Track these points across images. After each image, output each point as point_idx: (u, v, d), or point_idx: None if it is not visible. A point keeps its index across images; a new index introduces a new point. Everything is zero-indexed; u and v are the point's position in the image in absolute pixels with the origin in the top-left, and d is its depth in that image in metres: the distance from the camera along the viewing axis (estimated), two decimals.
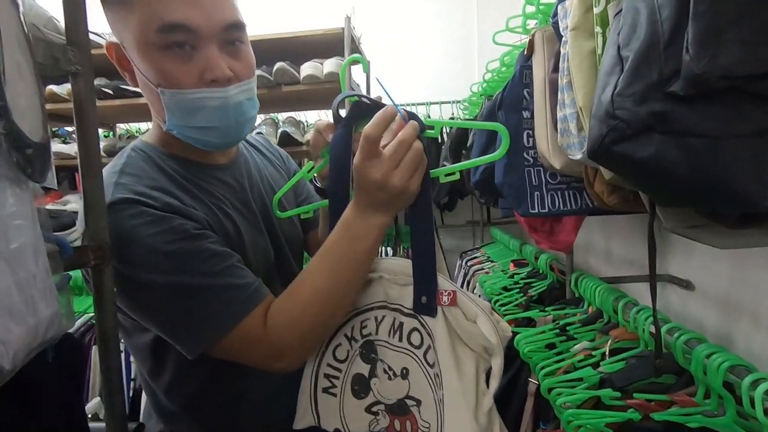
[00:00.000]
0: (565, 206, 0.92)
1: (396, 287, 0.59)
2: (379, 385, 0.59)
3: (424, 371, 0.57)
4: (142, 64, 0.57)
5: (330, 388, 0.61)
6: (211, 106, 0.58)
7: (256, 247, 0.68)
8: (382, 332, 0.59)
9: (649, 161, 0.40)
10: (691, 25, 0.36)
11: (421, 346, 0.57)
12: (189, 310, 0.55)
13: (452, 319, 0.55)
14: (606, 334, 0.96)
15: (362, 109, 0.59)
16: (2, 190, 0.29)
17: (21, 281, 0.30)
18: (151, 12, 0.54)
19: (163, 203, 0.56)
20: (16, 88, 0.31)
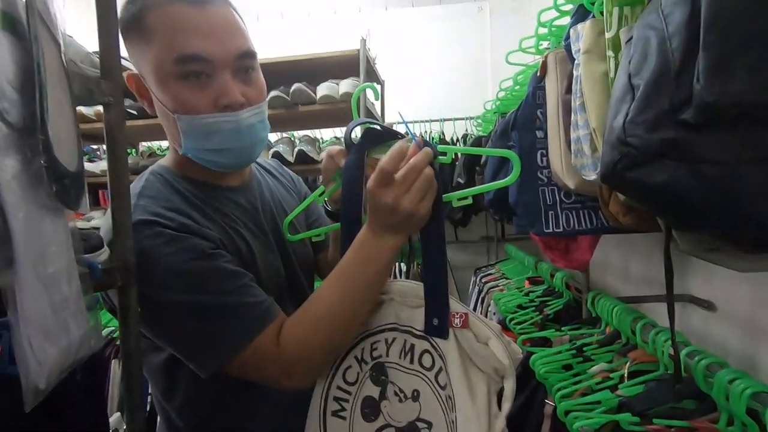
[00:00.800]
0: (580, 225, 0.92)
1: (407, 309, 0.60)
2: (389, 407, 0.59)
3: (435, 393, 0.57)
4: (159, 93, 0.60)
5: (339, 411, 0.61)
6: (225, 129, 0.61)
7: (268, 267, 0.70)
8: (393, 354, 0.59)
9: (662, 187, 0.40)
10: (702, 54, 0.37)
11: (432, 368, 0.57)
12: (203, 328, 0.56)
13: (464, 341, 0.55)
14: (624, 355, 0.94)
15: (374, 136, 0.60)
16: (42, 218, 0.31)
17: (56, 304, 0.32)
18: (169, 44, 0.57)
19: (179, 223, 0.58)
20: (57, 123, 0.33)
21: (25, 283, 0.29)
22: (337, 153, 0.65)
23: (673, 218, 0.45)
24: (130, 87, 0.62)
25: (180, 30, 0.57)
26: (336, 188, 0.68)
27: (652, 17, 0.43)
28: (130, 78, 0.62)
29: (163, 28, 0.57)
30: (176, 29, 0.57)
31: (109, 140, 0.46)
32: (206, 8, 0.59)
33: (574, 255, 1.21)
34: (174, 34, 0.57)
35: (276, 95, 1.65)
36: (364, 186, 0.59)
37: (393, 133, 0.61)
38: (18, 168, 0.30)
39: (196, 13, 0.58)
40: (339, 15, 3.02)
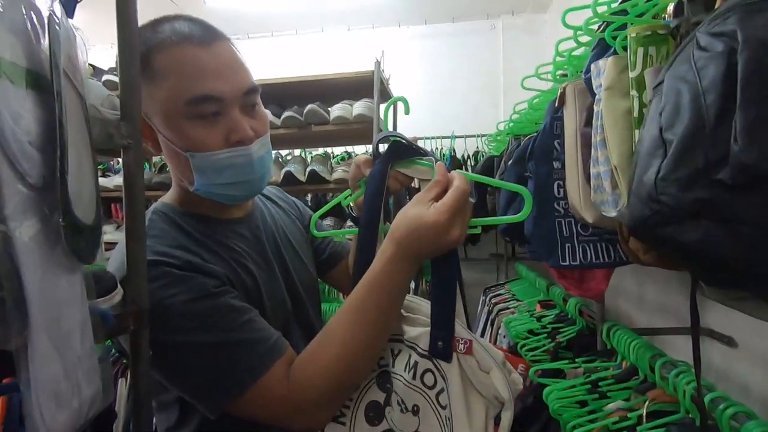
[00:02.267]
0: (597, 259, 0.90)
1: (415, 326, 0.60)
2: (392, 413, 0.59)
3: (435, 412, 0.57)
4: (169, 133, 0.60)
5: (339, 417, 0.61)
6: (238, 163, 0.62)
7: (274, 298, 0.69)
8: (398, 366, 0.60)
9: (696, 245, 0.39)
10: (739, 113, 0.36)
11: (434, 387, 0.57)
12: (208, 367, 0.55)
13: (466, 366, 0.55)
14: (642, 394, 0.91)
15: (400, 149, 0.62)
16: (57, 279, 0.31)
17: (68, 366, 0.31)
18: (179, 86, 0.58)
19: (184, 261, 0.58)
20: (76, 177, 0.33)
21: (38, 348, 0.28)
22: (364, 162, 0.66)
23: (706, 275, 0.43)
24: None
25: (190, 72, 0.58)
26: (360, 194, 0.68)
27: (683, 68, 0.42)
28: None
29: (172, 70, 0.58)
30: (185, 71, 0.58)
31: (127, 182, 0.45)
32: (211, 47, 0.60)
33: (589, 284, 1.19)
34: (183, 76, 0.58)
35: (289, 115, 1.66)
36: (384, 196, 0.61)
37: (418, 149, 0.62)
38: (36, 228, 0.29)
39: (204, 54, 0.59)
40: (352, 31, 3.04)
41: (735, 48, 0.38)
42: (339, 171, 1.74)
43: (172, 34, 0.59)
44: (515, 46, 2.91)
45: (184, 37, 0.59)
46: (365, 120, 1.63)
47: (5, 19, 0.28)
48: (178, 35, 0.59)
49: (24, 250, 0.27)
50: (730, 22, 0.39)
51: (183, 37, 0.59)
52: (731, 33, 0.38)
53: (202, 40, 0.59)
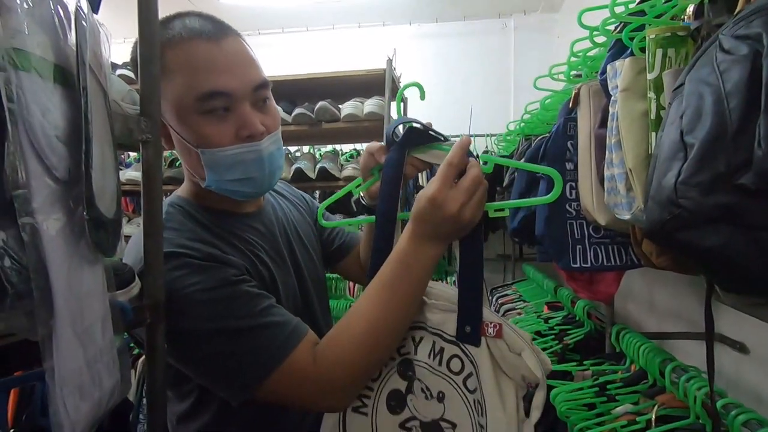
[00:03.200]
0: (608, 262, 0.89)
1: (438, 313, 0.59)
2: (415, 401, 0.59)
3: (462, 397, 0.57)
4: (180, 128, 0.60)
5: (360, 407, 0.61)
6: (248, 159, 0.61)
7: (287, 291, 0.70)
8: (422, 353, 0.59)
9: (716, 251, 0.38)
10: (764, 118, 0.35)
11: (461, 373, 0.57)
12: (233, 353, 0.55)
13: (495, 350, 0.56)
14: (651, 398, 0.90)
15: (416, 135, 0.61)
16: (81, 269, 0.31)
17: (90, 358, 0.31)
18: (190, 82, 0.57)
19: (205, 253, 0.58)
20: (99, 171, 0.33)
21: (62, 340, 0.29)
22: (377, 150, 0.65)
23: (723, 281, 0.43)
24: None
25: (200, 67, 0.58)
26: (373, 182, 0.68)
27: (705, 71, 0.42)
28: None
29: (183, 66, 0.58)
30: (196, 67, 0.58)
31: (146, 177, 0.46)
32: (222, 43, 0.60)
33: (598, 287, 1.18)
34: (194, 71, 0.57)
35: (300, 112, 1.66)
36: (402, 184, 0.61)
37: (435, 133, 0.61)
38: (62, 222, 0.29)
39: (214, 49, 0.59)
40: (363, 29, 3.04)
41: (760, 51, 0.37)
42: (349, 168, 1.75)
43: (183, 30, 0.59)
44: (526, 45, 2.89)
45: (194, 33, 0.59)
46: (376, 118, 1.63)
47: (34, 15, 0.28)
48: (189, 31, 0.59)
49: (50, 243, 0.28)
50: (755, 25, 0.39)
51: (193, 33, 0.59)
52: (756, 36, 0.38)
53: (212, 35, 0.59)
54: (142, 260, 0.50)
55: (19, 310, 0.25)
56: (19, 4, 0.26)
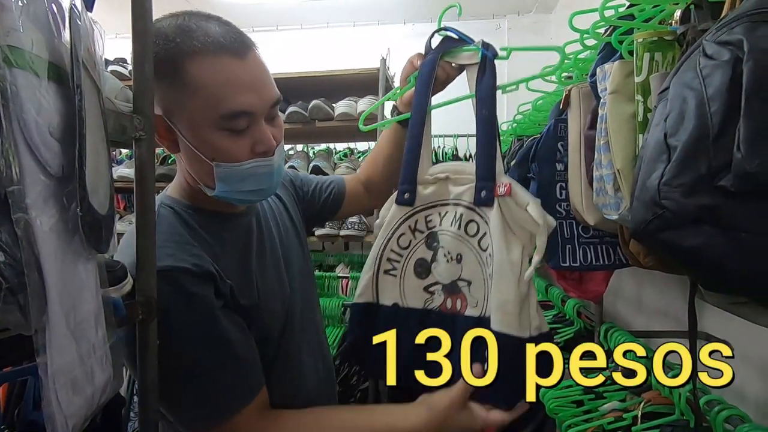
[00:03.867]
0: (597, 261, 0.91)
1: (459, 186, 0.69)
2: (438, 268, 0.69)
3: (476, 256, 0.66)
4: (195, 140, 0.60)
5: (391, 270, 0.71)
6: (260, 173, 0.63)
7: (273, 290, 0.71)
8: (445, 224, 0.69)
9: (697, 251, 0.40)
10: (743, 122, 0.36)
11: (476, 235, 0.66)
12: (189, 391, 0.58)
13: (505, 208, 0.64)
14: (638, 395, 0.92)
15: (450, 42, 0.73)
16: (75, 267, 0.31)
17: (83, 353, 0.32)
18: (215, 98, 0.57)
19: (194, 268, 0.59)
20: (93, 168, 0.33)
21: (56, 334, 0.29)
22: (416, 57, 0.76)
23: (706, 280, 0.44)
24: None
25: (227, 85, 0.57)
26: (409, 87, 0.78)
27: (689, 76, 0.43)
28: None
29: (209, 82, 0.57)
30: (223, 84, 0.57)
31: (139, 174, 0.46)
32: (246, 59, 0.59)
33: (587, 286, 1.20)
34: (221, 88, 0.57)
35: (294, 110, 1.66)
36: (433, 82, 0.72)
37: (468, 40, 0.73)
38: (56, 218, 0.30)
39: (240, 66, 0.59)
40: (358, 27, 3.04)
41: (741, 57, 0.38)
42: (342, 167, 1.75)
43: (207, 42, 0.57)
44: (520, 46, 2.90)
45: (219, 47, 0.57)
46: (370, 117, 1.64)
47: (29, 13, 0.29)
48: (214, 44, 0.57)
49: (44, 239, 0.28)
50: (736, 32, 0.40)
51: (218, 47, 0.57)
52: (737, 42, 0.39)
53: (237, 51, 0.59)
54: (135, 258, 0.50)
55: (12, 305, 0.26)
56: (14, 2, 0.26)
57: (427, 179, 0.72)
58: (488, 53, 0.69)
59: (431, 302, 0.69)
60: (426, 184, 0.72)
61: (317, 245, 2.50)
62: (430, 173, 0.71)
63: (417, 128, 0.72)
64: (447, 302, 0.68)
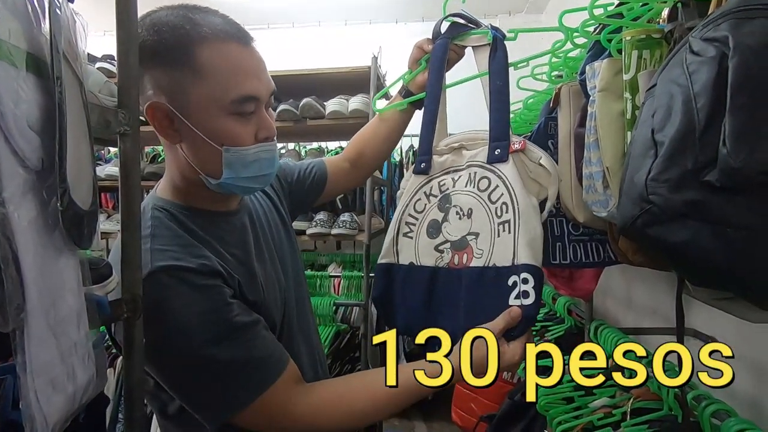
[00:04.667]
0: (587, 258, 0.91)
1: (472, 149, 0.76)
2: (448, 227, 0.75)
3: (486, 208, 0.71)
4: (205, 126, 0.59)
5: (408, 233, 0.78)
6: (264, 158, 0.65)
7: (273, 285, 0.72)
8: (459, 184, 0.75)
9: (683, 246, 0.40)
10: (729, 118, 0.37)
11: (486, 189, 0.72)
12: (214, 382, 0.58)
13: (519, 163, 0.71)
14: (627, 391, 0.93)
15: (459, 27, 0.81)
16: (55, 263, 0.31)
17: (64, 351, 0.31)
18: (226, 83, 0.58)
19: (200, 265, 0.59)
20: (74, 162, 0.33)
21: (35, 332, 0.28)
22: (424, 42, 0.83)
23: (692, 276, 0.45)
24: (150, 116, 0.60)
25: (238, 71, 0.59)
26: (420, 70, 0.86)
27: (676, 72, 0.43)
28: (152, 107, 0.59)
29: (220, 66, 0.58)
30: (234, 70, 0.59)
31: (124, 170, 0.45)
32: (250, 47, 0.62)
33: (577, 284, 1.21)
34: (231, 73, 0.58)
35: (285, 108, 1.65)
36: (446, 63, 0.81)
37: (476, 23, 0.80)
38: (35, 212, 0.29)
39: (247, 53, 0.61)
40: (349, 26, 3.03)
41: (726, 53, 0.39)
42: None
43: (216, 30, 0.58)
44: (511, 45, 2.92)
45: (227, 35, 0.59)
46: (361, 115, 1.63)
47: (6, 2, 0.28)
48: (223, 32, 0.59)
49: (22, 234, 0.28)
50: (722, 28, 0.40)
51: (227, 34, 0.59)
52: (723, 39, 0.39)
53: (242, 39, 0.61)
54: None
55: None
56: None
57: (442, 150, 0.80)
58: (499, 35, 0.77)
59: (441, 260, 0.75)
60: (441, 154, 0.80)
61: (309, 244, 2.49)
62: (445, 144, 0.80)
63: (433, 105, 0.80)
64: (455, 258, 0.74)
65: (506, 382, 1.40)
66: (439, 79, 0.80)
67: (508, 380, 1.40)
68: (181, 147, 0.63)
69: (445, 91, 0.84)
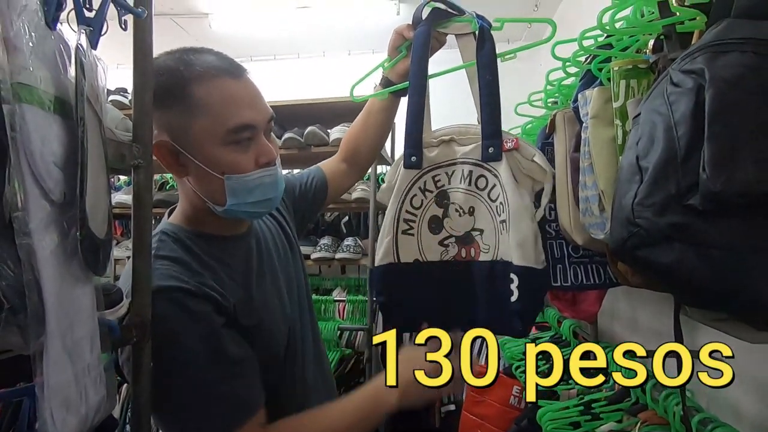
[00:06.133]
0: (588, 280, 0.92)
1: (465, 146, 0.74)
2: (451, 222, 0.75)
3: (487, 207, 0.72)
4: (205, 158, 0.64)
5: (408, 230, 0.76)
6: (266, 182, 0.67)
7: (278, 307, 0.73)
8: (454, 181, 0.74)
9: (671, 267, 0.41)
10: (707, 145, 0.39)
11: (485, 188, 0.72)
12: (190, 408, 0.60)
13: (512, 161, 0.71)
14: (634, 415, 0.92)
15: (440, 13, 0.77)
16: (73, 289, 0.33)
17: (78, 372, 0.33)
18: (221, 116, 0.62)
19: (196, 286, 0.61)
20: (93, 194, 0.35)
21: (52, 354, 0.30)
22: (405, 28, 0.79)
23: (683, 296, 0.46)
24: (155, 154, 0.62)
25: (231, 102, 0.63)
26: (401, 58, 0.83)
27: (658, 102, 0.45)
28: (157, 146, 0.63)
29: (214, 101, 0.62)
30: (227, 102, 0.63)
31: (136, 201, 0.48)
32: (243, 79, 0.66)
33: (581, 306, 1.21)
34: (226, 106, 0.62)
35: (290, 136, 1.70)
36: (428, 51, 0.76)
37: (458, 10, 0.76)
38: (56, 242, 0.31)
39: (240, 86, 0.65)
40: (353, 56, 3.13)
41: (703, 85, 0.41)
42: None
43: (208, 68, 0.63)
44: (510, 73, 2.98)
45: (220, 71, 0.63)
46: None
47: (38, 53, 0.31)
48: (215, 68, 0.63)
49: (45, 262, 0.30)
50: (698, 61, 0.43)
51: (219, 70, 0.63)
52: (699, 71, 0.42)
53: (234, 72, 0.65)
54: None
55: (13, 326, 0.27)
56: (25, 43, 0.29)
57: (431, 142, 0.77)
58: (484, 24, 0.74)
59: (446, 254, 0.75)
60: (431, 147, 0.77)
61: (314, 269, 2.50)
62: (434, 136, 0.77)
63: (418, 95, 0.76)
64: (462, 252, 0.74)
65: (513, 408, 1.38)
66: (423, 69, 0.76)
67: (515, 405, 1.38)
68: (188, 179, 0.67)
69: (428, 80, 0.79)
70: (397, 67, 0.85)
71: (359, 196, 1.80)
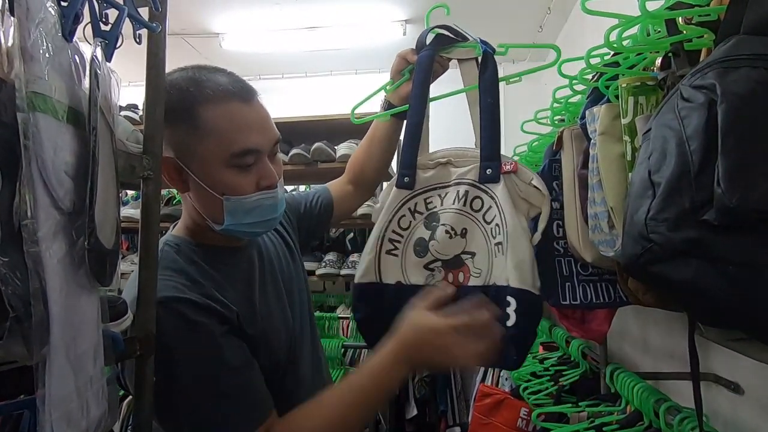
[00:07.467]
0: (597, 299, 0.90)
1: (461, 168, 0.73)
2: (437, 246, 0.72)
3: (481, 228, 0.70)
4: (206, 177, 0.64)
5: (392, 251, 0.74)
6: (266, 204, 0.68)
7: (280, 318, 0.74)
8: (447, 202, 0.72)
9: (687, 283, 0.40)
10: (721, 159, 0.38)
11: (480, 209, 0.70)
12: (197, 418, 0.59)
13: (510, 183, 0.69)
14: None
15: (445, 39, 0.77)
16: (78, 298, 0.32)
17: (80, 385, 0.32)
18: (228, 139, 0.63)
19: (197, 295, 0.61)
20: (102, 205, 0.35)
21: (56, 365, 0.30)
22: (408, 52, 0.80)
23: (699, 314, 0.45)
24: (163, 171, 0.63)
25: (238, 127, 0.63)
26: (404, 81, 0.83)
27: (668, 117, 0.45)
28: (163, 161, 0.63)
29: (221, 125, 0.63)
30: (234, 127, 0.63)
31: (145, 212, 0.48)
32: (253, 103, 0.66)
33: (590, 326, 1.18)
34: (232, 130, 0.63)
35: (297, 152, 1.71)
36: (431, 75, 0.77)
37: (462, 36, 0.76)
38: (64, 251, 0.31)
39: (248, 110, 0.65)
40: (360, 75, 3.18)
41: (714, 99, 0.41)
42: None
43: (218, 91, 0.64)
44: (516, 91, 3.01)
45: (229, 94, 0.64)
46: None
47: (54, 63, 0.32)
48: (225, 91, 0.64)
49: (51, 271, 0.29)
50: (709, 77, 0.43)
51: (228, 94, 0.64)
52: (711, 86, 0.42)
53: (244, 96, 0.65)
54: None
55: (17, 335, 0.27)
56: (41, 53, 0.29)
57: (427, 164, 0.76)
58: (489, 49, 0.74)
59: (432, 279, 0.73)
60: (426, 169, 0.76)
61: (318, 285, 2.48)
62: (431, 158, 0.76)
63: (417, 117, 0.77)
64: (448, 276, 0.72)
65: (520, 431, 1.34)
66: (424, 92, 0.77)
67: (523, 428, 1.34)
68: (189, 195, 0.67)
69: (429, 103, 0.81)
70: (399, 90, 0.85)
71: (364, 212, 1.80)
